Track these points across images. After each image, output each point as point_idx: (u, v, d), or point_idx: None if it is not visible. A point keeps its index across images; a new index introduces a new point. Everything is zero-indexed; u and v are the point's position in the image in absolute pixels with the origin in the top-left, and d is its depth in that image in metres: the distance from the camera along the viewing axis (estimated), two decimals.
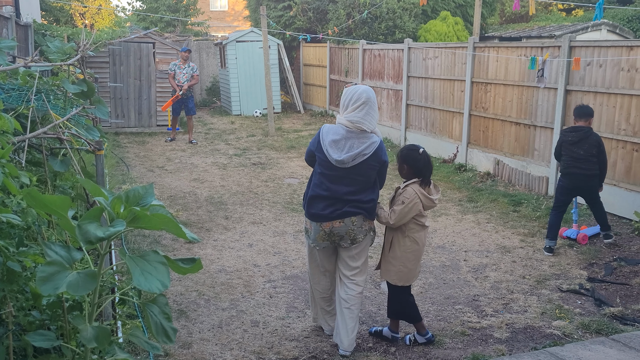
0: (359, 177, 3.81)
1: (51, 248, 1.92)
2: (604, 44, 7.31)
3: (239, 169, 9.95)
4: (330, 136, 3.78)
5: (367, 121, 3.76)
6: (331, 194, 3.83)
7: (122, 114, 13.30)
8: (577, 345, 3.95)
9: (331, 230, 3.87)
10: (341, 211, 3.82)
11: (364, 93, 3.77)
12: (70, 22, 23.25)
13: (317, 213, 3.87)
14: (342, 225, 3.86)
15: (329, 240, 3.93)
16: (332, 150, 3.75)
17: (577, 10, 27.30)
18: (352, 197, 3.83)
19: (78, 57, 3.96)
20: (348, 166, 3.75)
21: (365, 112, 3.75)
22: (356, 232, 3.89)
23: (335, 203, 3.84)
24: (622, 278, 5.45)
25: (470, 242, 6.43)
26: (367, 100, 3.75)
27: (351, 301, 4.00)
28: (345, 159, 3.72)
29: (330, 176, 3.83)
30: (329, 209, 3.84)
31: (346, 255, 4.01)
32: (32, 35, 10.51)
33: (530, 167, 8.49)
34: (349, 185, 3.82)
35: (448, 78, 10.34)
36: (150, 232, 6.37)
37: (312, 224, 3.93)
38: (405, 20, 15.24)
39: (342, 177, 3.81)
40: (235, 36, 16.54)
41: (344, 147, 3.74)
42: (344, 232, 3.88)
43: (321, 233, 3.90)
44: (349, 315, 3.99)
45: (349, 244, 3.93)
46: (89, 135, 3.58)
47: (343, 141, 3.75)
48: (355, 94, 3.78)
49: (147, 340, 2.14)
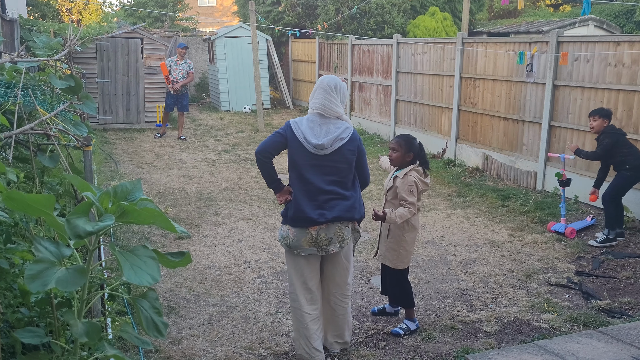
0: (341, 164, 3.65)
1: (41, 244, 1.91)
2: (592, 39, 7.36)
3: (229, 165, 9.93)
4: (304, 123, 3.67)
5: (326, 107, 3.66)
6: (314, 189, 3.63)
7: (110, 110, 13.21)
8: (566, 338, 3.99)
9: (318, 233, 3.65)
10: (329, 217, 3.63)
11: (325, 79, 3.73)
12: (57, 18, 23.02)
13: (303, 217, 3.62)
14: (329, 225, 3.67)
15: (317, 246, 3.68)
16: (310, 135, 3.60)
17: (565, 5, 27.46)
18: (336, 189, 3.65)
19: (65, 52, 3.92)
20: (328, 152, 3.60)
21: (322, 96, 3.67)
22: (344, 233, 3.73)
23: (321, 202, 3.63)
24: (610, 271, 5.51)
25: (459, 237, 6.47)
26: (322, 86, 3.69)
27: (342, 312, 3.96)
28: (326, 143, 3.58)
29: (309, 167, 3.63)
30: (315, 210, 3.62)
31: (336, 265, 3.83)
32: (18, 30, 10.40)
33: (519, 162, 8.54)
34: (331, 175, 3.64)
35: (437, 73, 10.37)
36: (139, 228, 6.34)
37: (296, 229, 3.66)
38: (394, 16, 15.24)
39: (324, 166, 3.63)
40: (223, 32, 16.47)
41: (320, 132, 3.62)
42: (332, 234, 3.67)
43: (307, 237, 3.65)
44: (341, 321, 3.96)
45: (338, 248, 3.72)
46: (76, 131, 3.55)
47: (318, 127, 3.64)
48: (317, 84, 3.78)
49: (137, 335, 2.14)
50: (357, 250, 5.93)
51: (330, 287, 3.90)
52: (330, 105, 3.67)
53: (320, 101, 3.68)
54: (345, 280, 3.91)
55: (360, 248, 6.04)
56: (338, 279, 3.88)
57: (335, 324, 3.97)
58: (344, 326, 3.99)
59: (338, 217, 3.66)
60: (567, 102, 7.69)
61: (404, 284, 4.32)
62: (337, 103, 3.70)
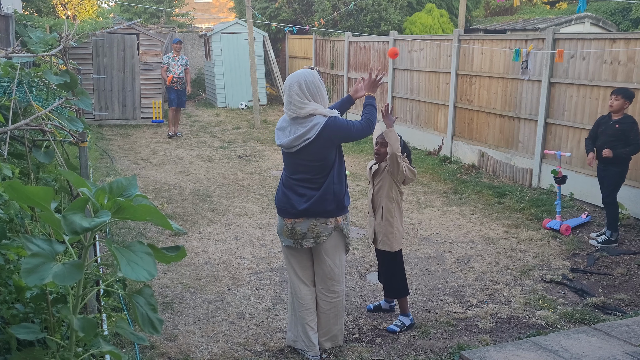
0: (311, 162, 3.66)
1: (32, 242, 1.89)
2: (587, 37, 7.37)
3: (225, 162, 9.91)
4: (279, 124, 3.80)
5: (291, 107, 3.66)
6: (289, 188, 3.75)
7: (106, 106, 13.17)
8: (560, 335, 4.01)
9: (293, 226, 3.73)
10: (300, 209, 3.68)
11: (289, 79, 3.70)
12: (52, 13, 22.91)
13: (280, 207, 3.80)
14: (303, 220, 3.71)
15: (292, 239, 3.77)
16: (278, 137, 3.75)
17: (561, 3, 27.49)
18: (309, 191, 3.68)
19: (60, 48, 3.91)
20: (293, 151, 3.66)
21: (287, 100, 3.69)
22: (320, 229, 3.72)
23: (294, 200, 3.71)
24: (604, 268, 5.53)
25: (455, 234, 6.48)
26: (286, 87, 3.69)
27: (325, 306, 3.92)
28: (285, 143, 3.66)
29: (287, 164, 3.80)
30: (289, 205, 3.73)
31: (317, 262, 3.86)
32: (13, 25, 10.35)
33: (515, 159, 8.56)
34: (304, 172, 3.70)
35: (433, 70, 10.37)
36: (134, 224, 6.33)
37: (279, 218, 3.84)
38: (391, 13, 15.24)
39: (297, 164, 3.72)
40: (220, 28, 16.43)
41: (289, 133, 3.69)
42: (305, 229, 3.71)
43: (284, 228, 3.79)
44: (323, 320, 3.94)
45: (312, 243, 3.74)
46: (72, 127, 3.54)
47: (289, 128, 3.71)
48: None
49: (133, 331, 2.14)
50: (354, 247, 5.93)
51: (316, 281, 3.94)
52: (295, 106, 3.65)
53: (286, 105, 3.72)
54: (328, 276, 3.86)
55: (356, 245, 6.05)
56: (321, 273, 3.88)
57: (320, 320, 3.94)
58: (329, 324, 3.94)
59: (306, 209, 3.68)
60: (562, 99, 7.70)
61: (400, 268, 4.43)
62: (305, 101, 3.63)
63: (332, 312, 3.94)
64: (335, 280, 3.89)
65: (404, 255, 4.72)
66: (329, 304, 3.92)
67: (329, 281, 3.88)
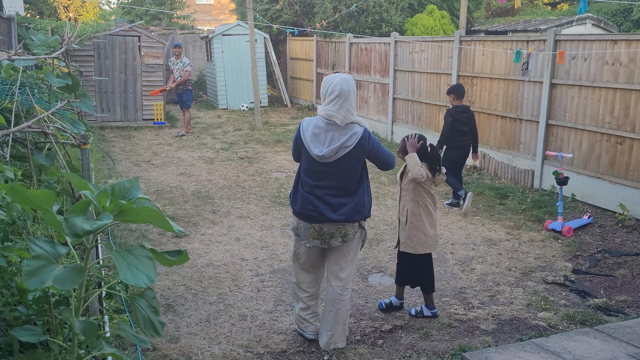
0: (344, 170, 3.68)
1: (36, 243, 1.90)
2: (589, 38, 7.37)
3: (226, 163, 9.92)
4: (310, 129, 3.69)
5: (340, 115, 3.63)
6: (314, 195, 3.72)
7: (108, 108, 13.19)
8: (562, 336, 4.00)
9: (321, 227, 3.76)
10: (332, 219, 3.71)
11: (338, 85, 3.63)
12: (54, 15, 22.96)
13: (306, 213, 3.76)
14: (332, 223, 3.76)
15: (320, 239, 3.79)
16: (314, 144, 3.65)
17: (563, 4, 27.49)
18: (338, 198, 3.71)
19: (62, 50, 3.92)
20: (331, 160, 3.64)
21: (339, 105, 3.62)
22: (347, 229, 3.78)
23: (322, 204, 3.71)
24: (607, 270, 5.53)
25: (456, 235, 6.48)
26: (340, 93, 3.62)
27: (338, 305, 3.94)
28: (327, 154, 3.61)
29: (314, 172, 3.72)
30: (316, 212, 3.72)
31: (338, 255, 3.89)
32: (16, 28, 10.37)
33: (516, 160, 8.56)
34: (334, 180, 3.70)
35: (434, 72, 10.37)
36: (136, 226, 6.33)
37: (302, 222, 3.82)
38: (392, 14, 15.24)
39: (327, 172, 3.69)
40: (221, 30, 16.45)
41: (324, 140, 3.64)
42: (334, 229, 3.76)
43: (311, 230, 3.79)
44: (334, 317, 3.95)
45: (340, 242, 3.80)
46: (74, 129, 3.55)
47: (323, 134, 3.65)
48: (331, 85, 3.67)
49: (135, 334, 2.14)
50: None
51: (332, 279, 3.94)
52: (346, 114, 3.63)
53: (336, 109, 3.62)
54: (346, 272, 3.92)
55: (365, 252, 6.04)
56: (338, 269, 3.91)
57: (329, 320, 3.95)
58: (339, 323, 3.96)
59: (337, 220, 3.72)
60: (564, 100, 7.70)
61: (428, 268, 4.50)
62: (353, 109, 3.66)
63: (343, 309, 3.95)
64: (351, 277, 3.97)
65: None
66: (341, 302, 3.93)
67: (345, 279, 3.92)
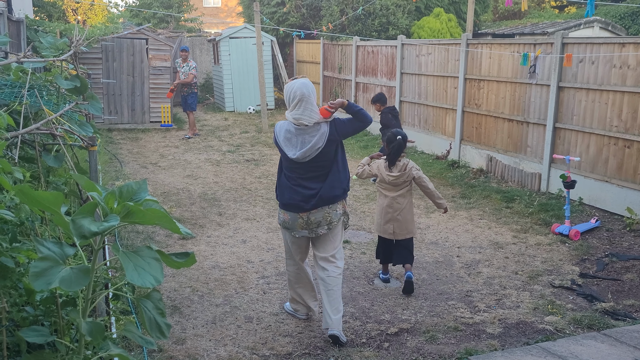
0: (321, 163, 3.96)
1: (43, 244, 1.91)
2: (596, 41, 7.35)
3: (233, 166, 9.94)
4: (282, 134, 3.96)
5: (306, 116, 3.88)
6: (300, 186, 4.00)
7: (115, 110, 13.26)
8: (569, 340, 3.98)
9: (308, 217, 4.02)
10: (315, 202, 3.97)
11: (299, 90, 3.87)
12: (63, 18, 23.09)
13: (292, 204, 4.02)
14: (318, 210, 4.01)
15: (308, 229, 4.07)
16: (287, 148, 3.93)
17: (570, 7, 27.40)
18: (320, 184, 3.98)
19: (71, 53, 3.94)
20: (306, 161, 3.92)
21: (303, 107, 3.87)
22: (332, 216, 4.06)
23: (307, 195, 3.98)
24: (614, 273, 5.50)
25: (463, 238, 6.46)
26: (302, 97, 3.86)
27: (332, 282, 4.14)
28: (300, 156, 3.89)
29: (293, 169, 4.00)
30: (302, 201, 3.99)
31: (324, 241, 4.16)
32: (25, 31, 10.44)
33: (523, 164, 8.53)
34: (315, 171, 3.97)
35: (441, 75, 10.36)
36: (143, 228, 6.36)
37: (289, 214, 4.07)
38: (399, 17, 15.25)
39: (306, 170, 3.97)
40: (228, 32, 16.50)
41: (296, 143, 3.91)
42: (320, 217, 4.03)
43: (299, 221, 4.05)
44: (332, 297, 4.14)
45: (326, 230, 4.07)
46: (82, 131, 3.57)
47: (294, 138, 3.92)
48: (292, 92, 3.91)
49: (141, 335, 2.15)
50: (361, 252, 5.96)
51: (321, 262, 4.18)
52: (311, 114, 3.89)
53: (300, 113, 3.88)
54: (336, 256, 4.19)
55: (364, 249, 6.05)
56: (329, 253, 4.17)
57: (330, 298, 4.13)
58: (338, 300, 4.14)
59: (318, 200, 3.98)
60: (571, 103, 7.67)
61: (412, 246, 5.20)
62: (316, 109, 3.93)
63: (337, 287, 4.16)
64: (340, 257, 4.25)
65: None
66: (335, 279, 4.16)
67: (336, 260, 4.19)
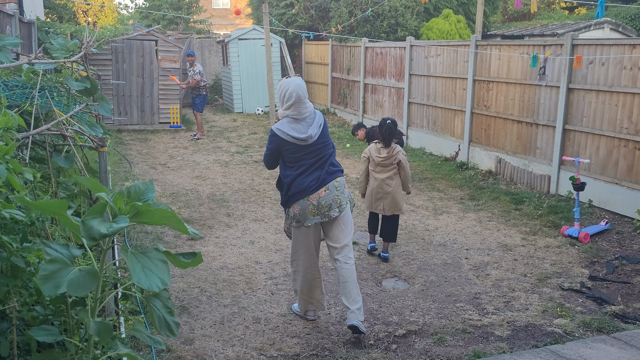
0: (323, 142, 4.20)
1: (50, 247, 1.92)
2: (607, 42, 7.30)
3: (241, 167, 9.97)
4: (286, 127, 4.13)
5: (303, 112, 4.17)
6: (310, 170, 4.15)
7: (125, 111, 13.33)
8: (579, 343, 3.96)
9: (318, 201, 4.14)
10: (322, 179, 4.14)
11: (294, 92, 4.11)
12: (74, 20, 23.25)
13: (302, 188, 4.14)
14: (327, 192, 4.15)
15: (319, 214, 4.17)
16: (297, 133, 4.10)
17: (580, 8, 27.24)
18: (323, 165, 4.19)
19: (81, 54, 3.97)
20: (313, 140, 4.12)
21: (300, 108, 4.14)
22: (341, 199, 4.21)
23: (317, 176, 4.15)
24: (624, 276, 5.46)
25: (471, 240, 6.44)
26: (297, 99, 4.12)
27: (347, 274, 4.25)
28: (312, 133, 4.11)
29: (299, 158, 4.15)
30: (312, 183, 4.14)
31: (337, 229, 4.26)
32: (36, 32, 10.52)
33: (532, 166, 8.49)
34: (321, 154, 4.19)
35: (450, 76, 10.34)
36: (152, 228, 6.39)
37: (299, 203, 4.17)
38: (408, 18, 15.23)
39: (313, 150, 4.15)
40: (237, 34, 16.55)
41: (302, 128, 4.13)
42: (330, 200, 4.16)
43: (310, 207, 4.15)
44: (348, 288, 4.24)
45: (337, 212, 4.19)
46: (92, 132, 3.59)
47: (299, 125, 4.14)
48: (287, 92, 4.14)
49: (150, 335, 2.16)
50: (369, 254, 5.97)
51: (335, 252, 4.28)
52: (304, 110, 4.17)
53: (297, 111, 4.15)
54: (348, 243, 4.30)
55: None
56: (342, 242, 4.28)
57: (348, 290, 4.22)
58: (355, 291, 4.23)
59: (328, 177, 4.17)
60: (581, 105, 7.63)
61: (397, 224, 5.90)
62: (308, 103, 4.23)
63: (352, 278, 4.26)
64: (351, 247, 4.35)
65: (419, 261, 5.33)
66: (349, 270, 4.26)
67: (348, 248, 4.30)
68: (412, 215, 7.31)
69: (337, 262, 4.29)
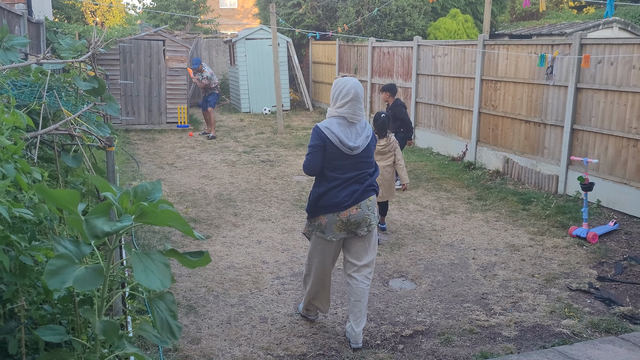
0: (367, 157, 4.04)
1: (60, 243, 1.93)
2: (615, 42, 7.26)
3: (248, 166, 9.98)
4: (335, 128, 3.93)
5: (357, 115, 3.99)
6: (346, 184, 3.98)
7: (133, 111, 13.38)
8: (586, 344, 3.94)
9: (348, 218, 3.97)
10: (356, 197, 3.96)
11: (352, 89, 3.93)
12: (82, 20, 23.36)
13: (335, 202, 3.96)
14: (359, 211, 3.99)
15: (346, 230, 4.01)
16: (345, 139, 3.91)
17: (589, 7, 27.09)
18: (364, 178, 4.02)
19: (89, 54, 3.98)
20: (360, 151, 3.95)
21: (356, 107, 3.96)
22: (371, 218, 4.05)
23: (352, 191, 3.97)
24: (633, 277, 5.42)
25: (479, 241, 6.42)
26: (354, 97, 3.93)
27: (361, 294, 4.11)
28: (360, 144, 3.95)
29: (343, 166, 3.97)
30: (346, 199, 3.96)
31: (361, 248, 4.11)
32: (44, 32, 10.57)
33: (540, 166, 8.45)
34: (362, 169, 4.01)
35: (457, 76, 10.31)
36: (160, 228, 6.41)
37: (327, 216, 3.99)
38: (415, 18, 15.19)
39: (356, 163, 3.99)
40: (244, 34, 16.57)
41: (351, 135, 3.96)
42: (360, 219, 3.99)
43: (338, 223, 3.98)
44: (359, 307, 4.10)
45: (365, 232, 4.03)
46: (99, 131, 3.60)
47: (348, 130, 3.96)
48: (344, 89, 3.95)
49: (157, 334, 2.16)
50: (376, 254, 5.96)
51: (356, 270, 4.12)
52: (359, 112, 4.01)
53: (352, 110, 3.96)
54: (370, 264, 4.16)
55: (379, 251, 6.03)
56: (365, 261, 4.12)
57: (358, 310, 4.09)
58: (365, 311, 4.13)
59: (364, 194, 4.00)
60: (590, 105, 7.59)
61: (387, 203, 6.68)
62: (363, 108, 4.06)
63: (365, 299, 4.13)
64: (373, 267, 4.21)
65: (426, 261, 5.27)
66: (364, 291, 4.12)
67: (369, 269, 4.16)
68: (420, 215, 7.29)
69: (353, 280, 4.12)
